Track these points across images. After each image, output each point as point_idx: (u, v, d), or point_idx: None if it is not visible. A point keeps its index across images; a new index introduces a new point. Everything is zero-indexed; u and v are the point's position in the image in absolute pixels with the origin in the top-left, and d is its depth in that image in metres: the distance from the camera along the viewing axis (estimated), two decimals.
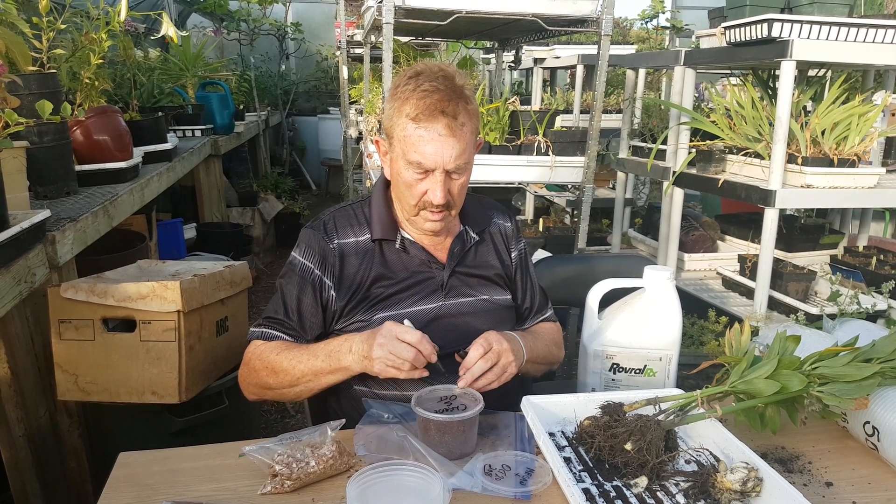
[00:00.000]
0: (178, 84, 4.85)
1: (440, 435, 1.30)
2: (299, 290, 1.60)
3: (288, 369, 1.49)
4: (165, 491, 1.21)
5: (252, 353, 1.57)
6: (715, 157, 3.41)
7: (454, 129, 1.46)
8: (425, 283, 1.62)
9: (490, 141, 3.04)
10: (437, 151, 1.46)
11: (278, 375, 1.50)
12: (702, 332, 3.25)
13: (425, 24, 3.21)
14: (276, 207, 6.20)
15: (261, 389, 1.56)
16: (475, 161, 1.59)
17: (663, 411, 1.31)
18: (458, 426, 1.30)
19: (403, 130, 1.48)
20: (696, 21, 6.99)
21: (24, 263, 1.79)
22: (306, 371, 1.48)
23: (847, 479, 1.28)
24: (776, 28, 2.76)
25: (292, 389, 1.51)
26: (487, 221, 1.76)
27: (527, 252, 1.84)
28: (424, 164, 1.47)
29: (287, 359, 1.50)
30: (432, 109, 1.44)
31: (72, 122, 2.52)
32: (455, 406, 1.34)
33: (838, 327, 1.78)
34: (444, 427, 1.29)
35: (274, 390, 1.54)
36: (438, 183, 1.49)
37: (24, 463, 1.99)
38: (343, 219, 1.65)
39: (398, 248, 1.62)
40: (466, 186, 1.59)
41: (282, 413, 3.31)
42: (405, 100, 1.47)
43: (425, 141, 1.46)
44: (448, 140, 1.46)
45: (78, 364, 1.98)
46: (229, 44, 8.02)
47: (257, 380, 1.54)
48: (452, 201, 1.55)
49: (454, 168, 1.49)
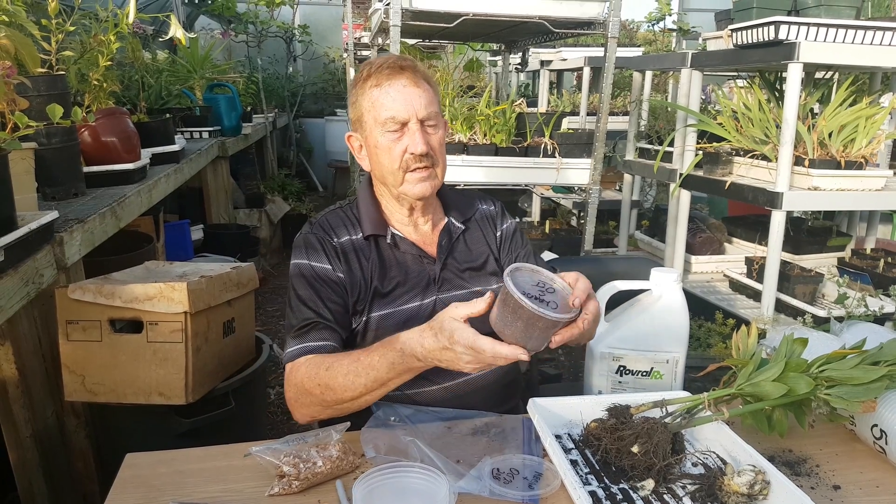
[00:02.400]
0: (186, 86, 4.86)
1: (514, 318, 1.18)
2: (319, 290, 1.54)
3: (346, 385, 1.36)
4: (172, 492, 1.22)
5: (300, 375, 1.44)
6: (722, 159, 3.40)
7: (416, 80, 1.53)
8: (418, 278, 1.62)
9: (497, 143, 3.04)
10: (407, 100, 1.52)
11: (335, 392, 1.37)
12: (709, 334, 3.25)
13: (432, 27, 3.22)
14: (283, 209, 6.21)
15: (319, 409, 1.43)
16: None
17: (670, 414, 1.31)
18: (537, 320, 1.16)
19: (370, 100, 1.54)
20: (703, 23, 6.96)
21: (32, 264, 1.80)
22: (368, 382, 1.35)
23: (855, 483, 1.27)
24: (783, 30, 2.76)
25: (356, 402, 1.39)
26: (471, 209, 1.77)
27: (518, 229, 1.81)
28: (397, 116, 1.51)
29: (342, 373, 1.37)
30: (391, 69, 1.53)
31: (80, 124, 2.53)
32: (547, 301, 1.20)
33: (846, 330, 1.78)
34: (526, 315, 1.16)
35: (333, 407, 1.41)
36: (416, 132, 1.52)
37: (31, 463, 2.00)
38: (335, 220, 1.65)
39: (389, 244, 1.62)
40: (443, 145, 1.61)
41: (287, 415, 3.30)
42: (364, 80, 1.56)
43: (392, 96, 1.52)
44: (414, 90, 1.52)
45: (85, 365, 1.98)
46: (237, 46, 8.03)
47: (312, 400, 1.42)
48: (434, 154, 1.56)
49: (426, 116, 1.53)
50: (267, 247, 5.73)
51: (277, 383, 3.60)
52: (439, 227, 1.69)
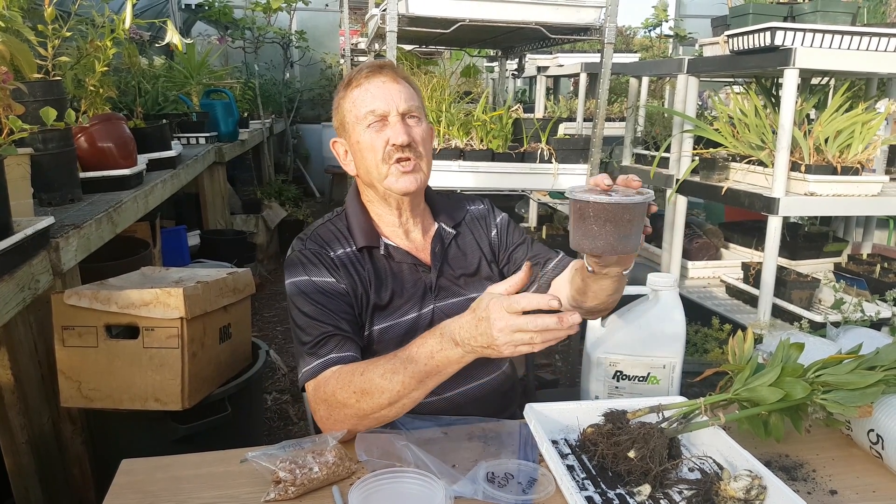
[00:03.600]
0: (183, 92, 4.86)
1: (600, 224, 1.13)
2: (326, 303, 1.49)
3: (385, 386, 1.29)
4: (168, 498, 1.21)
5: (329, 389, 1.37)
6: (718, 164, 3.41)
7: (395, 77, 1.55)
8: (415, 288, 1.61)
9: (493, 148, 3.04)
10: (386, 94, 1.52)
11: (373, 396, 1.30)
12: (705, 339, 3.24)
13: (429, 33, 3.22)
14: (280, 215, 6.20)
15: (355, 421, 1.35)
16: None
17: (667, 419, 1.31)
18: (622, 212, 1.12)
19: (351, 100, 1.56)
20: (700, 29, 7.00)
21: (27, 270, 1.79)
22: (406, 379, 1.27)
23: (851, 488, 1.27)
24: (779, 36, 2.77)
25: (393, 407, 1.31)
26: (461, 212, 1.75)
27: (510, 222, 1.80)
28: (377, 109, 1.52)
29: (378, 374, 1.30)
30: (370, 69, 1.55)
31: (76, 130, 2.53)
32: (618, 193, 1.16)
33: (842, 335, 1.78)
34: (608, 213, 1.12)
35: (370, 416, 1.33)
36: (397, 123, 1.52)
37: (27, 469, 1.99)
38: (326, 234, 1.61)
39: (383, 255, 1.60)
40: (427, 140, 1.60)
41: (285, 420, 3.31)
42: (346, 85, 1.58)
43: (372, 93, 1.53)
44: (393, 85, 1.54)
45: (81, 371, 1.98)
46: (234, 52, 8.04)
47: (347, 413, 1.34)
48: (417, 146, 1.54)
49: (406, 109, 1.53)
50: (264, 252, 5.73)
51: (274, 389, 3.59)
52: (430, 233, 1.68)
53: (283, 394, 3.55)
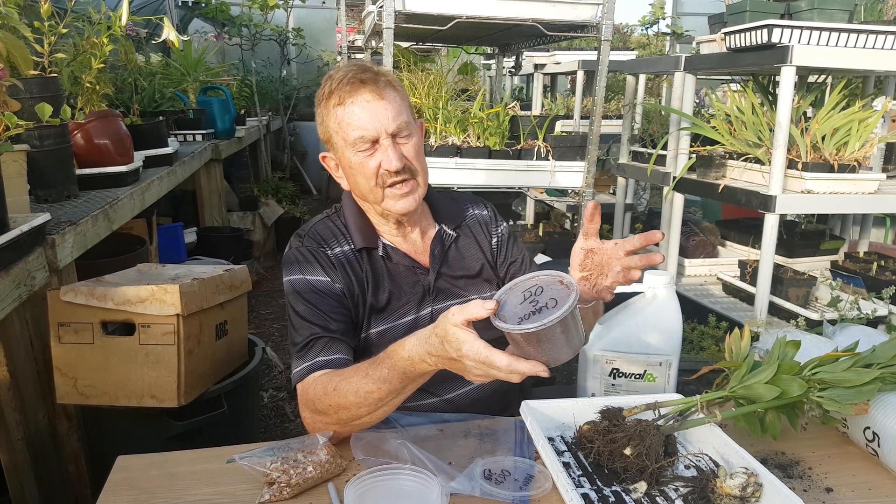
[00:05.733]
0: (180, 89, 4.85)
1: (537, 345, 1.08)
2: (319, 303, 1.49)
3: (359, 402, 1.29)
4: (163, 495, 1.21)
5: (310, 396, 1.38)
6: (715, 162, 3.41)
7: (379, 92, 1.46)
8: (413, 290, 1.59)
9: (490, 146, 3.04)
10: (373, 116, 1.45)
11: (350, 410, 1.31)
12: (702, 337, 3.25)
13: (426, 29, 3.22)
14: (277, 212, 6.19)
15: (338, 427, 1.36)
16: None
17: (663, 416, 1.31)
18: (548, 331, 1.06)
19: (336, 120, 1.49)
20: (697, 27, 7.01)
21: (23, 267, 1.79)
22: (383, 395, 1.27)
23: (847, 485, 1.27)
24: (776, 34, 2.77)
25: (374, 415, 1.31)
26: (462, 215, 1.72)
27: (512, 235, 1.78)
28: (366, 134, 1.46)
29: (351, 391, 1.29)
30: (351, 84, 1.46)
31: (73, 126, 2.53)
32: (543, 304, 1.10)
33: (838, 333, 1.78)
34: (539, 336, 1.07)
35: (350, 424, 1.34)
36: (388, 148, 1.46)
37: (22, 466, 1.99)
38: (324, 231, 1.59)
39: (381, 256, 1.58)
40: (421, 150, 1.55)
41: (281, 417, 3.31)
42: (327, 98, 1.51)
43: (357, 114, 1.46)
44: (378, 103, 1.46)
45: (77, 367, 1.98)
46: (231, 49, 8.02)
47: (328, 420, 1.35)
48: (411, 165, 1.50)
49: (396, 129, 1.47)
50: (260, 250, 5.72)
51: (270, 386, 3.59)
52: (430, 234, 1.66)
53: (280, 391, 3.55)
